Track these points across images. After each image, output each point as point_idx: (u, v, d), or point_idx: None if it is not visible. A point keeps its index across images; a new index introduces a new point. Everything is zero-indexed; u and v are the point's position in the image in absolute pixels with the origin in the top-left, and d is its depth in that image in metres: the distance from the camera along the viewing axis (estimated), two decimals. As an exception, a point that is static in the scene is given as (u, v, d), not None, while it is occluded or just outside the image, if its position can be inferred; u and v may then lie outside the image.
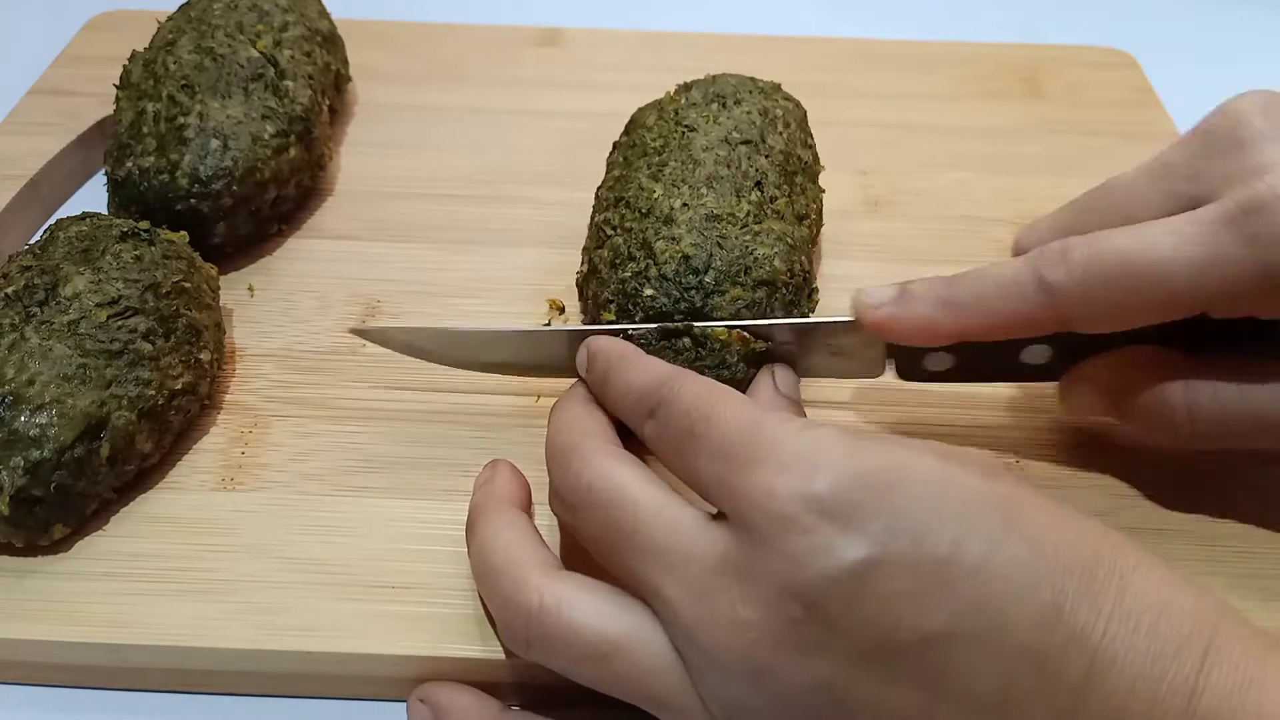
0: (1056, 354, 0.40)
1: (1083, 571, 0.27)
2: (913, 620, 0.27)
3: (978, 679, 0.27)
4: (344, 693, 0.36)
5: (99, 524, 0.39)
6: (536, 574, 0.32)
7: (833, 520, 0.28)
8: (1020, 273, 0.36)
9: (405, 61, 0.63)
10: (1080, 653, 0.26)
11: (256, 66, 0.51)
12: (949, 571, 0.27)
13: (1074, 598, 0.27)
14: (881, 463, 0.29)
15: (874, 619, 0.27)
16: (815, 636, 0.28)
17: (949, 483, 0.29)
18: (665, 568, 0.30)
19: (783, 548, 0.28)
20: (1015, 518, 0.28)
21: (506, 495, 0.36)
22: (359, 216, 0.53)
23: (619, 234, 0.43)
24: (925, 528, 0.28)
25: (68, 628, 0.36)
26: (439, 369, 0.43)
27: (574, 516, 0.33)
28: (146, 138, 0.48)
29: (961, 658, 0.27)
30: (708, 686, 0.30)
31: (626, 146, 0.48)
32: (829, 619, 0.28)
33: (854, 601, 0.27)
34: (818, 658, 0.28)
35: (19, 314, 0.39)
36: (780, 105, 0.48)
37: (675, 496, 0.32)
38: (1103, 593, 0.27)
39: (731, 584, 0.29)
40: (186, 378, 0.41)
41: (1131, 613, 0.27)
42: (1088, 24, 0.72)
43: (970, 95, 0.62)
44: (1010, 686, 0.27)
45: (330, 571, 0.37)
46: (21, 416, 0.37)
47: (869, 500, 0.28)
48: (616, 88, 0.53)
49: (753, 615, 0.29)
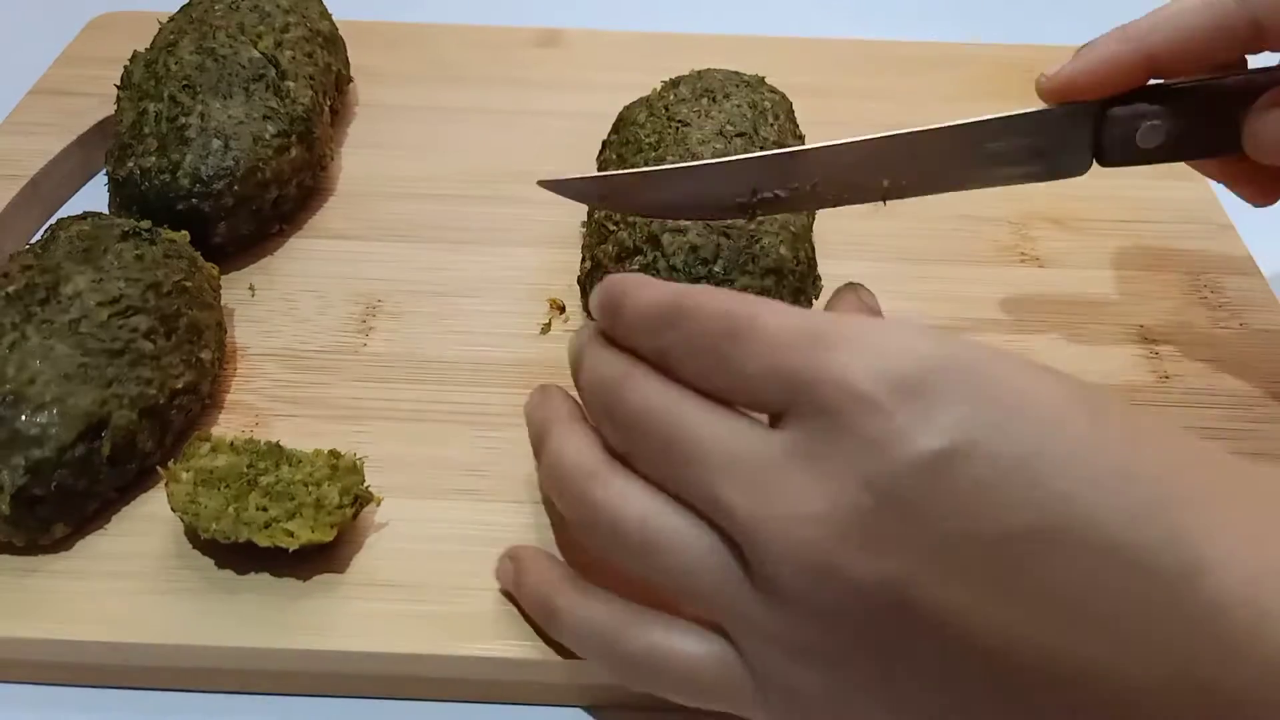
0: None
1: (1181, 471, 0.26)
2: (996, 515, 0.25)
3: (1059, 578, 0.25)
4: (345, 691, 0.36)
5: (100, 523, 0.39)
6: (606, 471, 0.32)
7: (915, 403, 0.26)
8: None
9: (406, 62, 0.63)
10: (1175, 555, 0.25)
11: (258, 67, 0.51)
12: (1036, 466, 0.25)
13: (1171, 499, 0.25)
14: (969, 352, 0.27)
15: (953, 513, 0.26)
16: (888, 529, 0.26)
17: (1039, 379, 0.27)
18: (720, 470, 0.29)
19: (858, 431, 0.26)
20: (1108, 416, 0.27)
21: (567, 412, 0.35)
22: (360, 216, 0.53)
23: (623, 229, 0.43)
24: (1012, 419, 0.26)
25: (68, 627, 0.36)
26: (439, 369, 0.43)
27: (629, 440, 0.32)
28: (148, 138, 0.48)
29: (1045, 556, 0.25)
30: (766, 590, 0.28)
31: (619, 144, 0.48)
32: (903, 511, 0.26)
33: (931, 493, 0.26)
34: (889, 553, 0.26)
35: (20, 313, 0.39)
36: (768, 98, 0.48)
37: (728, 409, 0.30)
38: (1203, 498, 0.26)
39: (795, 475, 0.27)
40: (188, 377, 0.41)
41: (1234, 520, 0.25)
42: (1088, 24, 0.72)
43: (970, 95, 0.62)
44: (1094, 586, 0.25)
45: (330, 571, 0.37)
46: (22, 415, 0.37)
47: (955, 386, 0.26)
48: (616, 88, 0.53)
49: (818, 506, 0.27)
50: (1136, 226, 0.52)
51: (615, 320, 0.33)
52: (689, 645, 0.31)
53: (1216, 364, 0.46)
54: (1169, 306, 0.49)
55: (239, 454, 0.38)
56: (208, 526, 0.36)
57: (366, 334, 0.47)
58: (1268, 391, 0.45)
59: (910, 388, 0.26)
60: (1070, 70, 0.37)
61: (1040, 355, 0.46)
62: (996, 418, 0.26)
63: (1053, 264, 0.51)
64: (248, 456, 0.37)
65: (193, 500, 0.36)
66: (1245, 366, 0.46)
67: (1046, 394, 0.27)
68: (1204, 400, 0.44)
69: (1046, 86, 0.38)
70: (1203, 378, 0.45)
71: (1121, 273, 0.51)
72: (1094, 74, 0.37)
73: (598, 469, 0.32)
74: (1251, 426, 0.43)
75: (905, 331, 0.28)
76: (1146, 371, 0.46)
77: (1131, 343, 0.47)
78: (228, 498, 0.36)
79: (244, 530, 0.36)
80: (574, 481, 0.32)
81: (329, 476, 0.37)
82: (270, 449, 0.38)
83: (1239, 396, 0.44)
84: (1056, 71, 0.37)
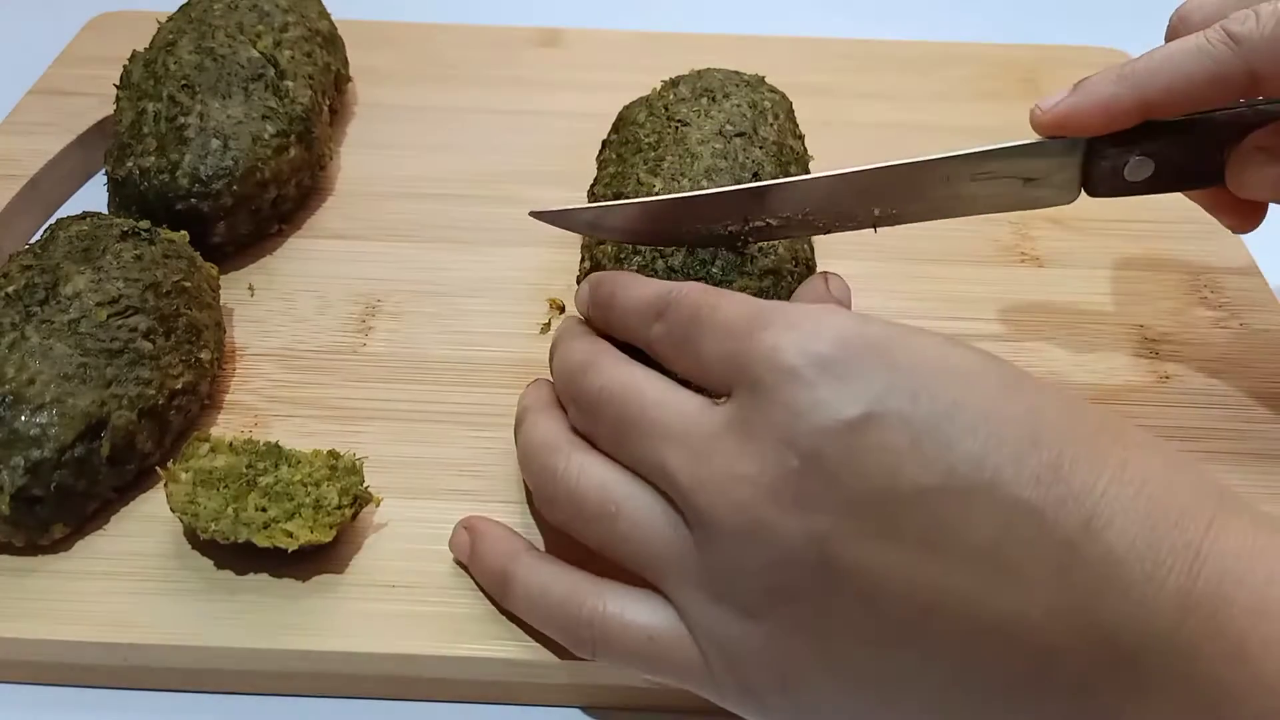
0: None
1: (1084, 439, 0.28)
2: (910, 474, 0.28)
3: (972, 533, 0.27)
4: (344, 692, 0.36)
5: (99, 523, 0.39)
6: (568, 445, 0.34)
7: (834, 375, 0.29)
8: (1209, 33, 0.36)
9: (405, 61, 0.63)
10: (1078, 509, 0.27)
11: (257, 67, 0.51)
12: (947, 428, 0.28)
13: (1073, 460, 0.27)
14: (887, 330, 0.30)
15: (870, 472, 0.28)
16: (811, 489, 0.28)
17: (951, 352, 0.30)
18: (668, 441, 0.31)
19: (783, 399, 0.29)
20: (1015, 385, 0.29)
21: (550, 400, 0.37)
22: (359, 216, 0.53)
23: None
24: (925, 387, 0.28)
25: (68, 627, 0.36)
26: (439, 368, 0.43)
27: (590, 419, 0.34)
28: (147, 137, 0.48)
29: (957, 512, 0.27)
30: (706, 550, 0.30)
31: (619, 144, 0.48)
32: (826, 471, 0.28)
33: (851, 454, 0.28)
34: (813, 511, 0.28)
35: (19, 313, 0.39)
36: (767, 97, 0.48)
37: (681, 387, 0.33)
38: (1104, 459, 0.27)
39: (731, 443, 0.30)
40: (187, 377, 0.41)
41: (1133, 480, 0.27)
42: (1088, 24, 0.72)
43: (970, 95, 0.62)
44: (1004, 540, 0.27)
45: (330, 571, 0.37)
46: (22, 416, 0.37)
47: (871, 359, 0.29)
48: (617, 88, 0.53)
49: (750, 468, 0.29)
50: (1136, 226, 0.52)
51: (608, 314, 0.36)
52: (641, 614, 0.32)
53: (1216, 364, 0.46)
54: (1169, 306, 0.49)
55: (238, 454, 0.38)
56: (207, 527, 0.36)
57: (366, 334, 0.47)
58: (1268, 391, 0.45)
59: (831, 361, 0.29)
60: (1066, 107, 0.38)
61: (1040, 355, 0.46)
62: (910, 385, 0.28)
63: (1053, 264, 0.51)
64: (247, 457, 0.37)
65: (192, 500, 0.36)
66: (1245, 366, 0.46)
67: (958, 364, 0.29)
68: (1204, 400, 0.44)
69: (1041, 119, 0.39)
70: (1203, 378, 0.45)
71: (1121, 273, 0.51)
72: (1089, 114, 0.38)
73: (560, 444, 0.34)
74: (1251, 426, 0.43)
75: (830, 314, 0.31)
76: (1146, 371, 0.46)
77: (1131, 343, 0.47)
78: (227, 498, 0.36)
79: (243, 530, 0.36)
80: (538, 455, 0.35)
81: (328, 477, 0.37)
82: (269, 449, 0.38)
83: (1239, 396, 0.44)
84: (1053, 105, 0.38)
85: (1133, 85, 0.37)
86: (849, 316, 0.31)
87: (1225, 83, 0.36)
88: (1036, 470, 0.27)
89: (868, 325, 0.30)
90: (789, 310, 0.31)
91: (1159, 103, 0.37)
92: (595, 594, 0.33)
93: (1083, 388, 0.45)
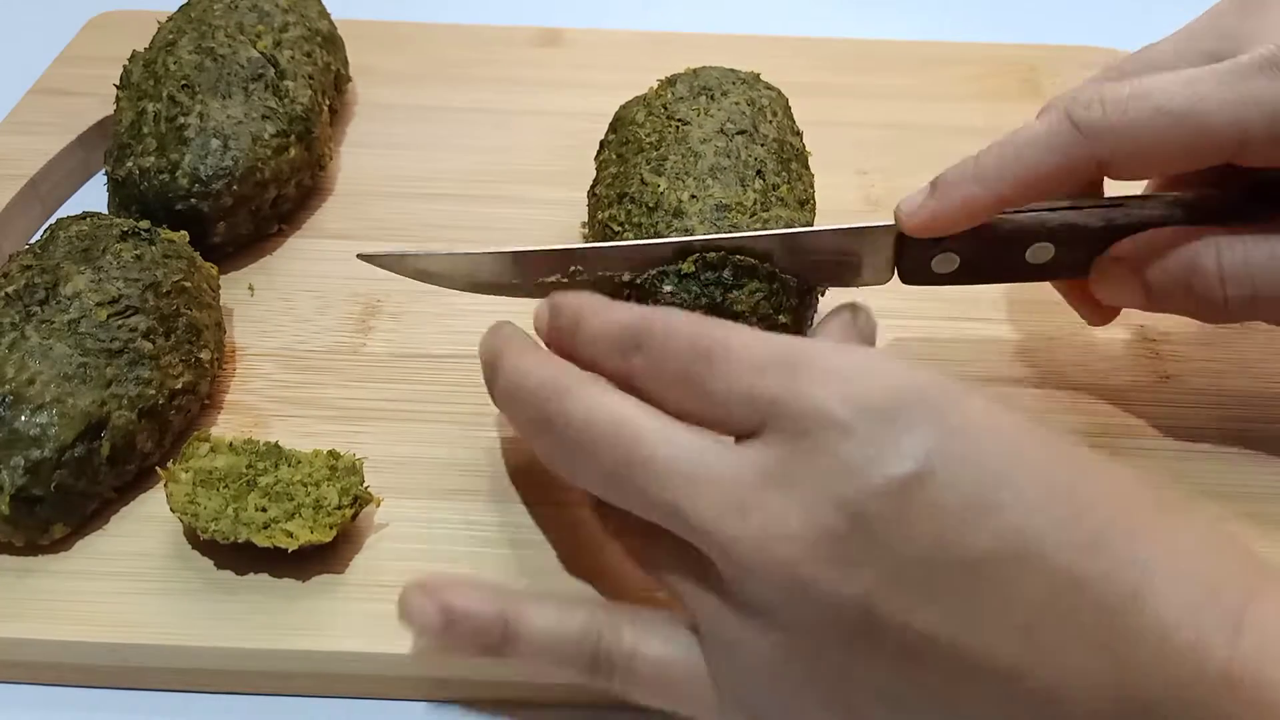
0: (1059, 251, 0.40)
1: (1130, 510, 0.28)
2: (957, 539, 0.27)
3: (1016, 602, 0.27)
4: (344, 692, 0.36)
5: (99, 523, 0.39)
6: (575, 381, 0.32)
7: (887, 429, 0.28)
8: (1054, 121, 0.36)
9: (405, 61, 0.63)
10: (1122, 581, 0.26)
11: (257, 67, 0.51)
12: (995, 495, 0.27)
13: (1118, 530, 0.27)
14: (937, 382, 0.29)
15: (917, 535, 0.27)
16: (858, 549, 0.27)
17: (1001, 414, 0.29)
18: (692, 490, 0.29)
19: (833, 453, 0.28)
20: (1064, 453, 0.28)
21: (521, 337, 0.35)
22: (359, 216, 0.53)
23: (628, 230, 0.43)
24: (977, 449, 0.28)
25: (68, 627, 0.36)
26: (439, 368, 0.43)
27: (567, 452, 0.32)
28: (147, 137, 0.48)
29: (1001, 580, 0.27)
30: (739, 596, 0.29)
31: (618, 144, 0.48)
32: (873, 531, 0.27)
33: (899, 515, 0.27)
34: (858, 571, 0.28)
35: (19, 313, 0.39)
36: (765, 94, 0.48)
37: (677, 422, 0.30)
38: (1149, 530, 0.27)
39: (772, 496, 0.28)
40: (187, 377, 0.41)
41: (1176, 551, 0.27)
42: (1088, 24, 0.72)
43: (970, 95, 0.62)
44: (1048, 611, 0.27)
45: (330, 571, 0.37)
46: (22, 416, 0.37)
47: (922, 414, 0.28)
48: (617, 88, 0.53)
49: (795, 526, 0.28)
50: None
51: (572, 340, 0.34)
52: (659, 647, 0.31)
53: (1216, 364, 0.46)
54: (1169, 306, 0.49)
55: (238, 454, 0.38)
56: (207, 527, 0.36)
57: (366, 334, 0.47)
58: (1268, 391, 0.45)
59: (881, 414, 0.28)
60: (929, 211, 0.38)
61: (1042, 354, 0.46)
62: (960, 447, 0.28)
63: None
64: (247, 457, 0.37)
65: (192, 501, 0.36)
66: (1245, 366, 0.46)
67: (1007, 427, 0.28)
68: (1204, 400, 0.44)
69: (906, 223, 0.39)
70: (1203, 378, 0.45)
71: (1121, 272, 0.51)
72: (950, 216, 0.38)
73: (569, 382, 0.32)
74: (1251, 426, 0.43)
75: (874, 360, 0.29)
76: (1146, 371, 0.46)
77: (1132, 343, 0.47)
78: (227, 498, 0.36)
79: (243, 530, 0.36)
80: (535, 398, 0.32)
81: (328, 477, 0.37)
82: (269, 449, 0.38)
83: (1239, 396, 0.44)
84: (916, 209, 0.38)
85: (987, 184, 0.37)
86: (898, 365, 0.29)
87: (1074, 173, 0.37)
88: (1081, 540, 0.27)
89: (918, 377, 0.29)
90: (828, 353, 0.30)
91: (1014, 197, 0.37)
92: (611, 627, 0.32)
93: (1083, 388, 0.45)
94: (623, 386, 0.32)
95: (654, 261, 0.40)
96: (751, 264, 0.40)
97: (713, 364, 0.30)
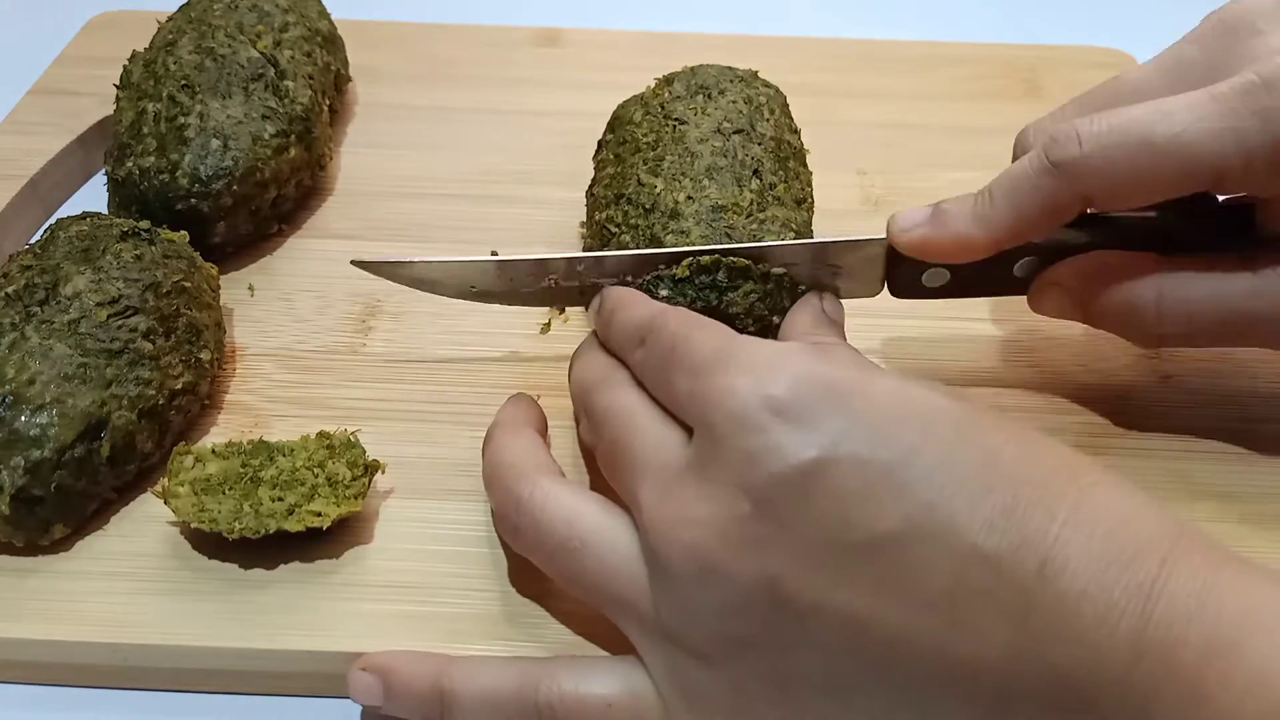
0: (1044, 266, 0.41)
1: (1039, 482, 0.28)
2: (864, 520, 0.28)
3: (927, 580, 0.27)
4: (344, 692, 0.36)
5: (99, 524, 0.39)
6: (535, 472, 0.35)
7: (787, 420, 0.29)
8: (1034, 162, 0.37)
9: (405, 61, 0.63)
10: (1032, 555, 0.27)
11: (257, 67, 0.51)
12: (902, 475, 0.28)
13: (1027, 503, 0.27)
14: (842, 373, 0.30)
15: (823, 518, 0.28)
16: (763, 534, 0.29)
17: (907, 395, 0.30)
18: (642, 475, 0.32)
19: (736, 444, 0.29)
20: (971, 429, 0.29)
21: (524, 419, 0.38)
22: (359, 216, 0.53)
23: (625, 231, 0.43)
24: (879, 432, 0.29)
25: (68, 627, 0.36)
26: (439, 368, 0.43)
27: (595, 437, 0.35)
28: (147, 138, 0.48)
29: (912, 559, 0.27)
30: (660, 593, 0.31)
31: (616, 144, 0.48)
32: (778, 516, 0.29)
33: (803, 500, 0.28)
34: (765, 555, 0.29)
35: (19, 313, 0.39)
36: (762, 92, 0.48)
37: (670, 420, 0.33)
38: (1058, 501, 0.27)
39: (688, 484, 0.30)
40: (187, 377, 0.41)
41: (1087, 521, 0.27)
42: (1088, 24, 0.72)
43: (970, 95, 0.62)
44: (960, 587, 0.27)
45: (330, 571, 0.37)
46: (22, 416, 0.37)
47: (825, 404, 0.29)
48: (616, 87, 0.53)
49: (703, 511, 0.30)
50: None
51: (606, 331, 0.38)
52: (595, 685, 0.32)
53: (1216, 364, 0.46)
54: (1169, 306, 0.49)
55: (226, 459, 0.38)
56: (232, 527, 0.36)
57: (366, 334, 0.47)
58: (1268, 391, 0.45)
59: (784, 406, 0.29)
60: (921, 236, 0.39)
61: (1041, 354, 0.46)
62: (865, 431, 0.29)
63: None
64: (237, 459, 0.38)
65: (202, 509, 0.36)
66: (1245, 366, 0.46)
67: (915, 407, 0.29)
68: (1204, 400, 0.44)
69: (898, 238, 0.39)
70: (1203, 378, 0.45)
71: (1121, 272, 0.51)
72: (944, 247, 0.39)
73: (527, 469, 0.35)
74: (1251, 426, 0.43)
75: (789, 356, 0.31)
76: (1146, 371, 0.46)
77: (1131, 342, 0.47)
78: (236, 498, 0.36)
79: (270, 522, 0.36)
80: (504, 479, 0.35)
81: (329, 456, 0.37)
82: (257, 446, 0.38)
83: (1239, 396, 0.44)
84: (911, 227, 0.39)
85: (984, 227, 0.38)
86: (808, 357, 0.31)
87: (1061, 212, 0.37)
88: (990, 516, 0.27)
89: (825, 367, 0.30)
90: (750, 350, 0.31)
91: (1009, 241, 0.38)
92: (548, 676, 0.32)
93: (1083, 387, 0.45)
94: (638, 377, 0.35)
95: (649, 266, 0.40)
96: (745, 265, 0.40)
97: (676, 361, 0.33)
